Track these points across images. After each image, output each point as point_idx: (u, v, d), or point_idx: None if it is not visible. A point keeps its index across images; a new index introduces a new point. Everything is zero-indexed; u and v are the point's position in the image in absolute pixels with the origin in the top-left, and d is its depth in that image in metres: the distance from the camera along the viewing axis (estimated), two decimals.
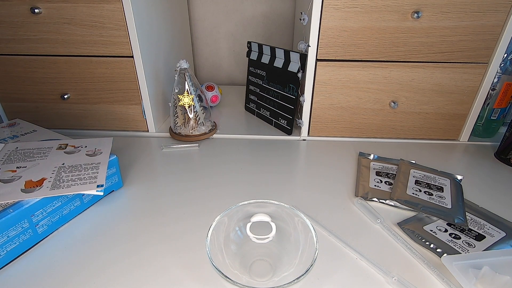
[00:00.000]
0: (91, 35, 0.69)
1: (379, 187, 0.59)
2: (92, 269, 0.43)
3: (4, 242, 0.42)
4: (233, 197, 0.57)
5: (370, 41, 0.67)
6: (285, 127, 0.80)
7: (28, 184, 0.48)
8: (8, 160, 0.54)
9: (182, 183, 0.61)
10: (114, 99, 0.77)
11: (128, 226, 0.51)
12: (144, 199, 0.57)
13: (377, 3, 0.64)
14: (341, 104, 0.75)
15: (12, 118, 0.81)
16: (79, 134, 0.81)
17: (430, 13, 0.64)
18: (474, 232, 0.48)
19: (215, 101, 0.94)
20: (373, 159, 0.69)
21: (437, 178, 0.61)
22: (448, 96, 0.72)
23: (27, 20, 0.68)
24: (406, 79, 0.71)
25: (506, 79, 0.71)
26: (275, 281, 0.39)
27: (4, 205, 0.44)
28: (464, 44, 0.67)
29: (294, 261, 0.42)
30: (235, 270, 0.40)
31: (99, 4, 0.66)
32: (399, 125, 0.77)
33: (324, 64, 0.70)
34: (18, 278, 0.42)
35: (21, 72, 0.75)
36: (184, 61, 0.72)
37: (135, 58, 0.71)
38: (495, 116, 0.76)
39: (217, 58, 1.17)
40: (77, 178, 0.51)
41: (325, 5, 0.64)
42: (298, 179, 0.64)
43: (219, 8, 1.08)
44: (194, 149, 0.74)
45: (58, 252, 0.46)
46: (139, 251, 0.46)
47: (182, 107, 0.75)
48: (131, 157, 0.70)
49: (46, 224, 0.48)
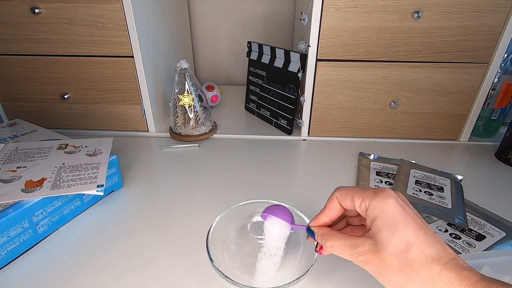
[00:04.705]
0: (91, 35, 0.69)
1: (379, 187, 0.59)
2: (92, 269, 0.43)
3: (4, 242, 0.42)
4: (233, 197, 0.57)
5: (370, 41, 0.67)
6: (285, 127, 0.80)
7: (28, 184, 0.48)
8: (8, 160, 0.54)
9: (182, 183, 0.61)
10: (114, 99, 0.77)
11: (128, 226, 0.51)
12: (144, 199, 0.57)
13: (377, 3, 0.64)
14: (341, 104, 0.75)
15: (12, 118, 0.81)
16: (79, 134, 0.81)
17: (430, 13, 0.64)
18: (474, 232, 0.48)
19: (215, 101, 0.94)
20: (373, 159, 0.69)
21: (437, 178, 0.61)
22: (448, 96, 0.72)
23: (27, 20, 0.68)
24: (406, 79, 0.71)
25: (506, 79, 0.71)
26: (275, 281, 0.39)
27: (4, 205, 0.44)
28: (464, 44, 0.67)
29: (294, 261, 0.42)
30: (235, 270, 0.40)
31: (99, 4, 0.66)
32: (399, 125, 0.77)
33: (324, 64, 0.70)
34: (18, 278, 0.42)
35: (21, 72, 0.75)
36: (184, 61, 0.72)
37: (135, 58, 0.71)
38: (495, 116, 0.76)
39: (217, 58, 1.17)
40: (77, 178, 0.51)
41: (325, 5, 0.64)
42: (298, 179, 0.64)
43: (219, 8, 1.08)
44: (194, 149, 0.74)
45: (58, 252, 0.46)
46: (139, 251, 0.46)
47: (182, 107, 0.75)
48: (131, 157, 0.70)
49: (46, 224, 0.48)
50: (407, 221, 0.28)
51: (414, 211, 0.30)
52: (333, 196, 0.34)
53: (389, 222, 0.29)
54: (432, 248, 0.28)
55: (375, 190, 0.31)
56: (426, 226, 0.30)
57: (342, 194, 0.33)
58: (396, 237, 0.28)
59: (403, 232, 0.28)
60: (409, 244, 0.28)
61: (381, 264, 0.29)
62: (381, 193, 0.30)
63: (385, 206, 0.29)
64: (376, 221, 0.30)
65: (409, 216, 0.29)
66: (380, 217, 0.29)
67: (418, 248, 0.28)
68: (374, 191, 0.31)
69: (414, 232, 0.28)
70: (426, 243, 0.28)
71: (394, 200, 0.30)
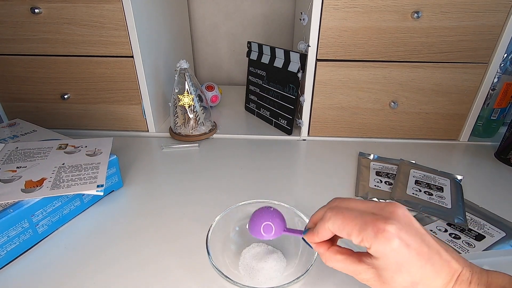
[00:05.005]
0: (91, 35, 0.69)
1: (379, 187, 0.59)
2: (92, 269, 0.43)
3: (4, 242, 0.42)
4: (233, 197, 0.57)
5: (370, 41, 0.67)
6: (285, 127, 0.80)
7: (28, 184, 0.48)
8: (8, 160, 0.54)
9: (182, 183, 0.61)
10: (114, 99, 0.77)
11: (128, 226, 0.51)
12: (144, 199, 0.57)
13: (377, 3, 0.64)
14: (341, 104, 0.75)
15: (12, 118, 0.81)
16: (79, 134, 0.81)
17: (430, 13, 0.64)
18: (474, 232, 0.48)
19: (215, 101, 0.94)
20: (373, 159, 0.69)
21: (437, 178, 0.61)
22: (448, 96, 0.72)
23: (27, 20, 0.68)
24: (406, 79, 0.71)
25: (506, 79, 0.71)
26: (275, 281, 0.39)
27: (4, 205, 0.44)
28: (464, 44, 0.67)
29: (294, 261, 0.42)
30: (235, 270, 0.40)
31: (99, 4, 0.66)
32: (399, 125, 0.77)
33: (324, 64, 0.70)
34: (18, 278, 0.42)
35: (21, 72, 0.75)
36: (184, 61, 0.72)
37: (135, 58, 0.71)
38: (495, 116, 0.76)
39: (217, 58, 1.17)
40: (77, 178, 0.51)
41: (325, 5, 0.64)
42: (298, 179, 0.64)
43: (219, 8, 1.08)
44: (194, 149, 0.74)
45: (58, 252, 0.46)
46: (139, 251, 0.46)
47: (182, 107, 0.75)
48: (131, 157, 0.70)
49: (46, 224, 0.48)
50: (413, 261, 0.27)
51: (420, 242, 0.27)
52: (325, 227, 0.30)
53: (393, 266, 0.27)
54: (437, 278, 0.27)
55: (374, 227, 0.27)
56: (433, 251, 0.28)
57: (335, 227, 0.30)
58: (400, 277, 0.27)
59: (408, 274, 0.27)
60: (414, 283, 0.27)
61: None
62: (382, 234, 0.27)
63: (387, 251, 0.27)
64: (379, 260, 0.28)
65: (414, 254, 0.27)
66: (382, 259, 0.27)
67: (424, 284, 0.27)
68: (373, 229, 0.27)
69: (419, 270, 0.27)
70: (431, 276, 0.27)
71: (397, 243, 0.26)
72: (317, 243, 0.33)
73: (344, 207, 0.31)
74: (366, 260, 0.29)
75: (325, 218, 0.31)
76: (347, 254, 0.31)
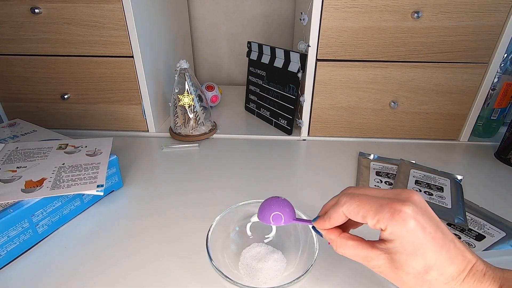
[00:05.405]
0: (91, 35, 0.69)
1: (379, 187, 0.59)
2: (92, 269, 0.43)
3: (4, 242, 0.42)
4: (233, 197, 0.57)
5: (370, 41, 0.67)
6: (285, 127, 0.80)
7: (28, 184, 0.48)
8: (8, 160, 0.54)
9: (182, 183, 0.61)
10: (114, 99, 0.77)
11: (128, 226, 0.51)
12: (144, 199, 0.57)
13: (377, 3, 0.64)
14: (341, 104, 0.75)
15: (12, 118, 0.81)
16: (79, 134, 0.81)
17: (430, 13, 0.64)
18: (474, 232, 0.48)
19: (215, 101, 0.94)
20: (373, 159, 0.69)
21: (437, 178, 0.61)
22: (448, 96, 0.72)
23: (27, 20, 0.68)
24: (406, 79, 0.71)
25: (506, 79, 0.71)
26: (275, 281, 0.39)
27: (4, 205, 0.44)
28: (464, 44, 0.67)
29: (294, 261, 0.42)
30: (235, 270, 0.40)
31: (99, 4, 0.66)
32: (399, 125, 0.77)
33: (324, 64, 0.70)
34: (18, 278, 0.42)
35: (21, 72, 0.75)
36: (184, 61, 0.72)
37: (135, 58, 0.71)
38: (495, 116, 0.76)
39: (217, 58, 1.17)
40: (77, 178, 0.51)
41: (325, 5, 0.64)
42: (298, 179, 0.64)
43: (219, 8, 1.08)
44: (194, 149, 0.74)
45: (58, 252, 0.46)
46: (139, 251, 0.46)
47: (182, 107, 0.75)
48: (131, 157, 0.70)
49: (46, 224, 0.48)
50: (428, 245, 0.27)
51: (435, 227, 0.27)
52: (339, 211, 0.30)
53: (408, 248, 0.27)
54: (451, 266, 0.27)
55: (391, 209, 0.27)
56: (448, 238, 0.28)
57: (350, 210, 0.29)
58: (414, 261, 0.27)
59: (422, 257, 0.27)
60: (428, 267, 0.27)
61: (396, 278, 0.28)
62: (398, 215, 0.27)
63: (403, 231, 0.27)
64: (393, 243, 0.27)
65: (430, 238, 0.27)
66: (397, 241, 0.27)
67: (438, 270, 0.27)
68: (390, 210, 0.27)
69: (434, 255, 0.27)
70: (445, 263, 0.27)
71: (414, 224, 0.26)
72: (328, 230, 0.33)
73: (359, 193, 0.30)
74: (380, 245, 0.29)
75: (339, 203, 0.31)
76: (359, 240, 0.31)
